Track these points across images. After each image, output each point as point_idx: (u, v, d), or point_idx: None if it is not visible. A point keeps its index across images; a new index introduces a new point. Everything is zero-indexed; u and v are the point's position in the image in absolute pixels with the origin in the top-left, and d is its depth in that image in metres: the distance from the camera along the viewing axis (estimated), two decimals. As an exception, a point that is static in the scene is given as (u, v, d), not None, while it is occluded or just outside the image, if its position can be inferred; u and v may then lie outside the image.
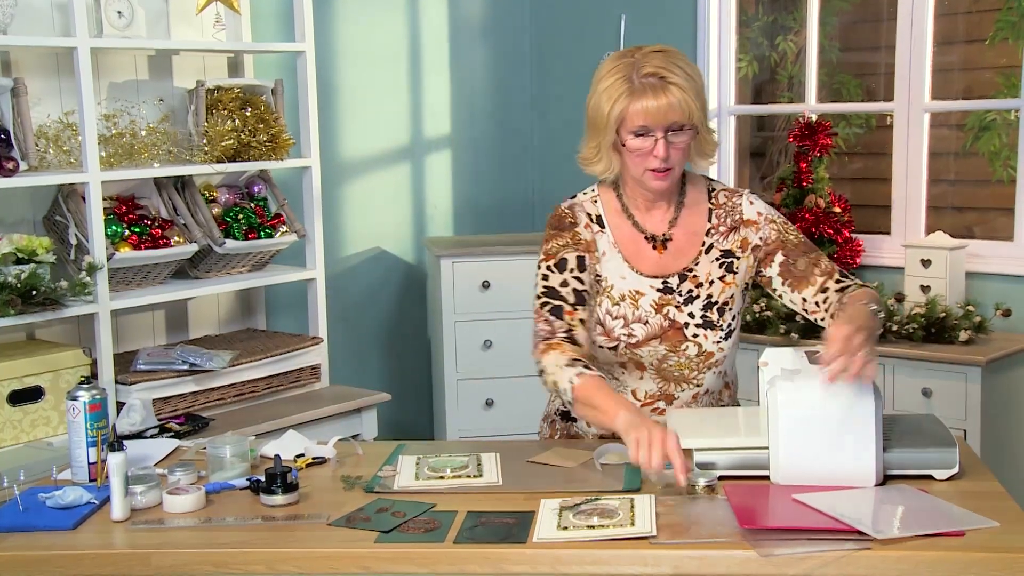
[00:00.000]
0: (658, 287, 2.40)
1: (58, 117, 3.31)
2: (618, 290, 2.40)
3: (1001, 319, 3.74)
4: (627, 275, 2.41)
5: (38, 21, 3.30)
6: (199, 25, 3.65)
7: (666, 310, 2.39)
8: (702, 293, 2.41)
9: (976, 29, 4.45)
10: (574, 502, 2.05)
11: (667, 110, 2.25)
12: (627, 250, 2.42)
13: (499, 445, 2.46)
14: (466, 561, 1.90)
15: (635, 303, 2.40)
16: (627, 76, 2.27)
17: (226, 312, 3.89)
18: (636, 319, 2.39)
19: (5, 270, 2.98)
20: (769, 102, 4.86)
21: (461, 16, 4.63)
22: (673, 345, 2.40)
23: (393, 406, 4.02)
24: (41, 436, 3.09)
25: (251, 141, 3.54)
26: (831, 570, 1.82)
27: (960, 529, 1.88)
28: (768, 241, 2.42)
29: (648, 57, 2.28)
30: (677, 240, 2.43)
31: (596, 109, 2.31)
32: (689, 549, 1.87)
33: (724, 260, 2.42)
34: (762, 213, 2.45)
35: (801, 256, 2.40)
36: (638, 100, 2.25)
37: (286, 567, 1.93)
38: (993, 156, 4.45)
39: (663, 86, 2.25)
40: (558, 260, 2.39)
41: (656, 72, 2.26)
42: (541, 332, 2.36)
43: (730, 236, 2.44)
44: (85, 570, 1.97)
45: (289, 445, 2.42)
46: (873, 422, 2.04)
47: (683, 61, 2.31)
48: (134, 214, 3.42)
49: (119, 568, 1.97)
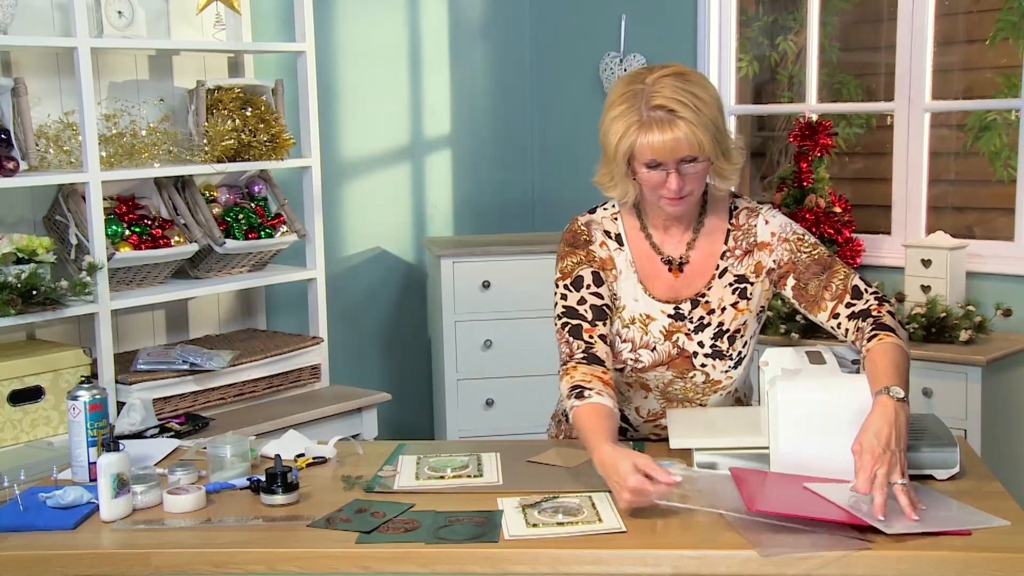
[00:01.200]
0: (669, 312, 2.36)
1: (58, 117, 3.31)
2: (629, 312, 2.37)
3: (1001, 319, 3.74)
4: (640, 297, 2.37)
5: (38, 21, 3.30)
6: (199, 25, 3.65)
7: (676, 337, 2.36)
8: (713, 320, 2.35)
9: (977, 29, 4.45)
10: (533, 500, 2.06)
11: (675, 145, 2.17)
12: (643, 271, 2.37)
13: (499, 445, 2.46)
14: (465, 561, 1.90)
15: (644, 328, 2.36)
16: (635, 107, 2.18)
17: (226, 312, 3.89)
18: (644, 344, 2.36)
19: (5, 270, 2.98)
20: (769, 102, 4.86)
21: (461, 16, 4.63)
22: (680, 372, 2.37)
23: (393, 406, 4.02)
24: (41, 436, 3.08)
25: (251, 141, 3.54)
26: (832, 570, 1.82)
27: (968, 528, 1.88)
28: (781, 263, 2.34)
29: (658, 85, 2.18)
30: (693, 263, 2.37)
31: (606, 138, 2.25)
32: (690, 549, 1.87)
33: (738, 286, 2.36)
34: (776, 233, 2.36)
35: (813, 278, 2.31)
36: (646, 135, 2.17)
37: (286, 567, 1.93)
38: (993, 156, 4.45)
39: (671, 120, 2.16)
40: (574, 279, 2.36)
41: (664, 105, 2.16)
42: (562, 356, 2.34)
43: (744, 260, 2.37)
44: (85, 570, 1.97)
45: (289, 445, 2.42)
46: (873, 422, 2.04)
47: (696, 87, 2.20)
48: (134, 214, 3.42)
49: (119, 568, 1.97)
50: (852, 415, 2.03)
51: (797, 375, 2.10)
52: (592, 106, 2.45)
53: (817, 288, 2.29)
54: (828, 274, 2.30)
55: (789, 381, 2.07)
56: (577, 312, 2.33)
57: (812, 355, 2.19)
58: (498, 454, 2.36)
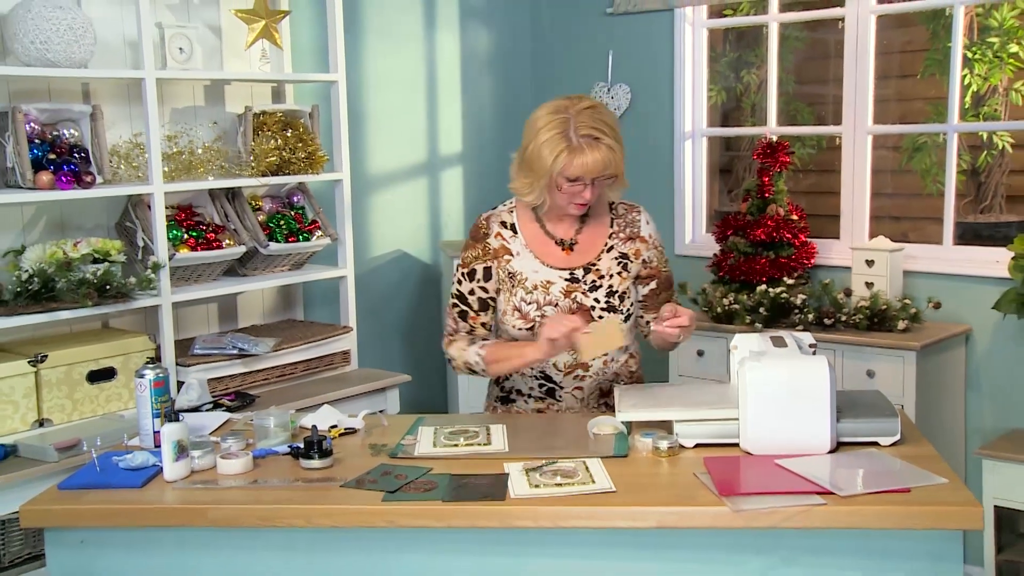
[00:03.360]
0: (566, 277, 2.46)
1: (128, 138, 3.30)
2: (531, 281, 2.45)
3: (933, 311, 3.74)
4: (539, 269, 2.46)
5: (112, 57, 3.29)
6: (247, 59, 3.63)
7: (573, 295, 2.45)
8: (604, 284, 2.46)
9: (909, 66, 4.45)
10: (535, 464, 2.05)
11: (601, 166, 2.31)
12: (537, 250, 2.48)
13: (505, 418, 2.46)
14: (476, 517, 1.89)
15: (546, 290, 2.45)
16: (565, 133, 2.30)
17: (269, 305, 3.88)
18: (548, 302, 2.44)
19: (84, 268, 2.98)
20: (735, 125, 4.84)
21: (471, 51, 4.61)
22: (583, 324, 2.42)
23: (412, 386, 4.01)
24: (114, 410, 3.07)
25: (291, 158, 3.53)
26: (793, 522, 1.82)
27: (908, 486, 1.88)
28: (650, 264, 2.52)
29: (581, 116, 2.30)
30: (582, 244, 2.49)
31: (536, 156, 2.35)
32: (670, 506, 1.86)
33: (621, 260, 2.49)
34: (652, 236, 2.53)
35: (664, 291, 2.55)
36: (577, 157, 2.30)
37: (322, 521, 1.93)
38: (924, 173, 4.45)
39: (597, 145, 2.29)
40: (469, 270, 2.50)
41: (591, 133, 2.29)
42: (448, 328, 2.52)
43: (627, 243, 2.50)
44: (151, 522, 1.98)
45: (324, 418, 2.42)
46: (828, 397, 2.03)
47: (609, 117, 2.34)
48: (192, 220, 3.41)
49: (180, 520, 1.97)
50: (810, 390, 2.03)
51: (763, 356, 2.09)
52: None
53: (663, 301, 2.51)
54: (670, 292, 2.57)
55: (757, 362, 2.06)
56: (467, 300, 2.50)
57: (775, 340, 2.19)
58: (504, 426, 2.35)
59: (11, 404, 2.86)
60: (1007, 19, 4.14)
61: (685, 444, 2.13)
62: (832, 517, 1.82)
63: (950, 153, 3.81)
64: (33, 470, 2.66)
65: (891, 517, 1.82)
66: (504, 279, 2.47)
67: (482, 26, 4.64)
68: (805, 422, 2.02)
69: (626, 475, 1.99)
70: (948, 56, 3.83)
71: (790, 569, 1.87)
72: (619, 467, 2.04)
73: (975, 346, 3.73)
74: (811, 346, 2.22)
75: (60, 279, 2.93)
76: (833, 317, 3.69)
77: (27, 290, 2.90)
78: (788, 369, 2.04)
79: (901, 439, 2.12)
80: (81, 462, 2.57)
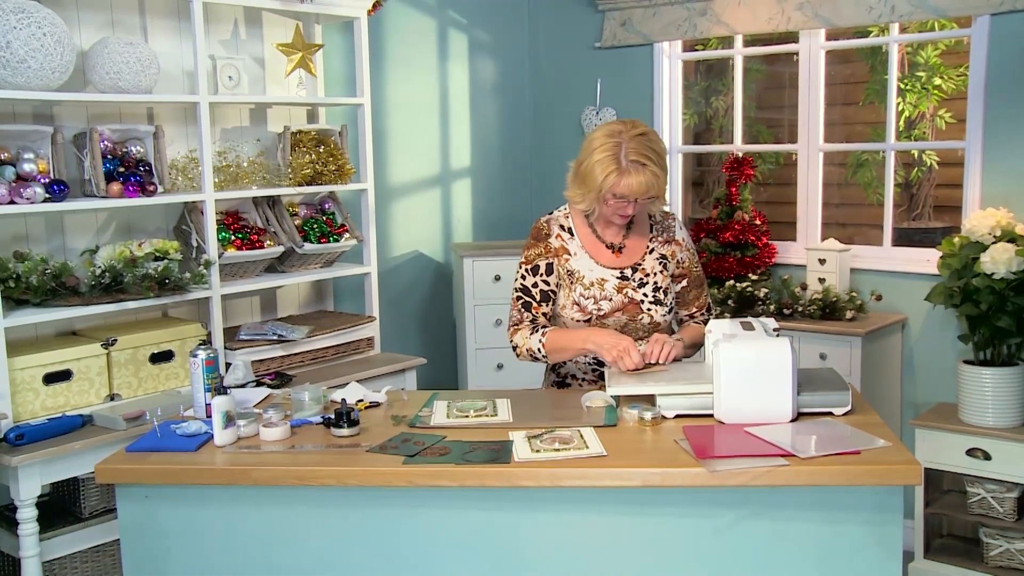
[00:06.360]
0: (617, 275, 2.43)
1: (185, 153, 3.28)
2: (588, 278, 2.43)
3: (875, 302, 3.73)
4: (593, 268, 2.43)
5: (173, 84, 3.27)
6: (287, 85, 3.61)
7: (625, 291, 2.42)
8: (649, 281, 2.44)
9: (852, 95, 4.43)
10: (536, 432, 2.03)
11: (645, 188, 2.28)
12: (591, 251, 2.45)
13: (509, 393, 2.43)
14: (485, 478, 1.87)
15: (601, 286, 2.42)
16: (616, 155, 2.26)
17: (304, 297, 3.86)
18: (603, 297, 2.42)
19: (147, 265, 2.97)
20: (706, 144, 4.81)
21: (478, 80, 4.59)
22: (632, 316, 2.42)
23: (428, 368, 3.99)
24: (172, 387, 3.06)
25: (323, 170, 3.51)
26: (761, 480, 1.80)
27: (858, 448, 1.86)
28: (683, 265, 2.50)
29: (632, 142, 2.26)
30: (628, 247, 2.46)
31: (590, 172, 2.30)
32: (654, 467, 1.84)
33: (661, 260, 2.47)
34: (684, 240, 2.51)
35: (694, 288, 2.52)
36: (624, 178, 2.26)
37: (351, 481, 1.92)
38: (867, 186, 4.42)
39: (643, 170, 2.26)
40: (533, 266, 2.46)
41: (639, 160, 2.25)
42: (513, 318, 2.47)
43: (665, 246, 2.48)
44: (203, 480, 1.96)
45: (352, 393, 2.40)
46: (790, 373, 2.01)
47: (657, 145, 2.29)
48: (238, 224, 3.39)
49: (228, 479, 1.96)
50: (775, 368, 2.00)
51: (734, 339, 2.06)
52: (575, 145, 2.45)
53: (694, 298, 2.52)
54: (700, 290, 2.53)
55: (728, 343, 2.04)
56: (530, 292, 2.45)
57: (744, 324, 2.16)
58: (509, 400, 2.33)
59: (87, 381, 2.87)
60: (931, 57, 4.19)
61: (667, 415, 2.10)
62: (793, 476, 1.80)
63: (888, 169, 3.81)
64: (106, 436, 2.68)
65: (844, 475, 1.80)
66: (564, 276, 2.44)
67: (488, 58, 4.62)
68: (770, 395, 2.00)
69: (615, 441, 1.97)
70: (885, 87, 3.84)
71: (758, 521, 1.85)
72: (609, 435, 2.02)
73: (910, 332, 3.71)
74: (775, 330, 2.19)
75: (127, 274, 2.93)
76: (791, 308, 3.67)
77: (100, 284, 2.90)
78: (755, 349, 2.02)
79: (852, 409, 2.10)
80: (145, 430, 2.58)
